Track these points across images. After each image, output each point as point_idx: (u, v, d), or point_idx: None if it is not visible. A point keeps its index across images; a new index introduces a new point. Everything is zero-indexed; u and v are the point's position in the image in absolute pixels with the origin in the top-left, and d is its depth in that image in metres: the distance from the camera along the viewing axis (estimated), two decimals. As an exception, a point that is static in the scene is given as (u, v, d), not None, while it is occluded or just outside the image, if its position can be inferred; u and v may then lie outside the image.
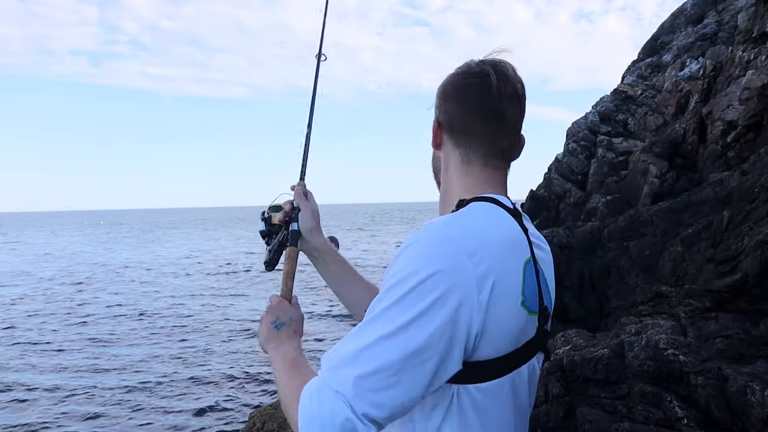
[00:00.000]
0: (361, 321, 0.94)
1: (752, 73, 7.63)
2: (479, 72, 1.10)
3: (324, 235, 1.44)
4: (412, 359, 0.88)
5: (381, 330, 0.89)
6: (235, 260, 31.85)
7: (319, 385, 0.91)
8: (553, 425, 3.72)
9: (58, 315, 16.56)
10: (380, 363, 0.88)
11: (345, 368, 0.90)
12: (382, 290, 0.94)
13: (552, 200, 11.56)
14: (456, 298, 0.89)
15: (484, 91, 1.08)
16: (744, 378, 3.23)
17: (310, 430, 0.90)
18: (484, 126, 1.09)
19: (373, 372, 0.88)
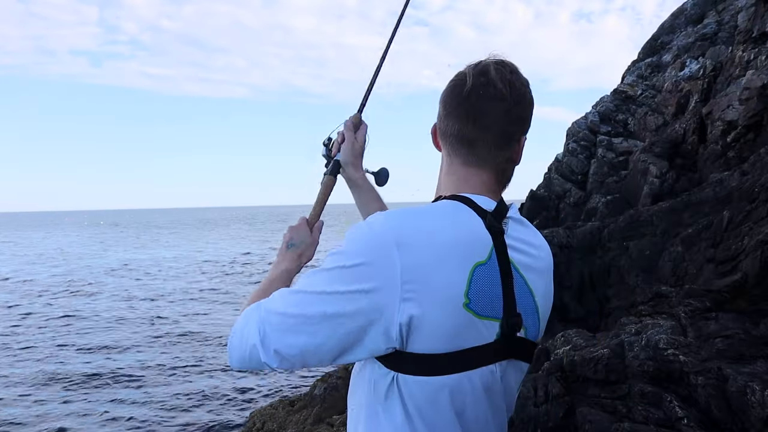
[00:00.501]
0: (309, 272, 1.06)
1: (752, 73, 7.63)
2: (459, 74, 1.13)
3: (362, 169, 1.51)
4: (327, 320, 0.98)
5: (313, 286, 1.01)
6: (233, 261, 31.85)
7: (252, 309, 1.08)
8: (553, 425, 3.71)
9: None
10: (302, 311, 1.00)
11: (275, 304, 1.05)
12: (328, 254, 1.04)
13: (552, 200, 11.56)
14: (375, 289, 0.96)
15: (458, 91, 1.11)
16: (744, 378, 3.23)
17: (230, 342, 1.10)
18: (461, 126, 1.10)
19: (293, 315, 1.01)
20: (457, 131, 1.11)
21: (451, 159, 1.14)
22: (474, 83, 1.09)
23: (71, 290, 21.58)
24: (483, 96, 1.08)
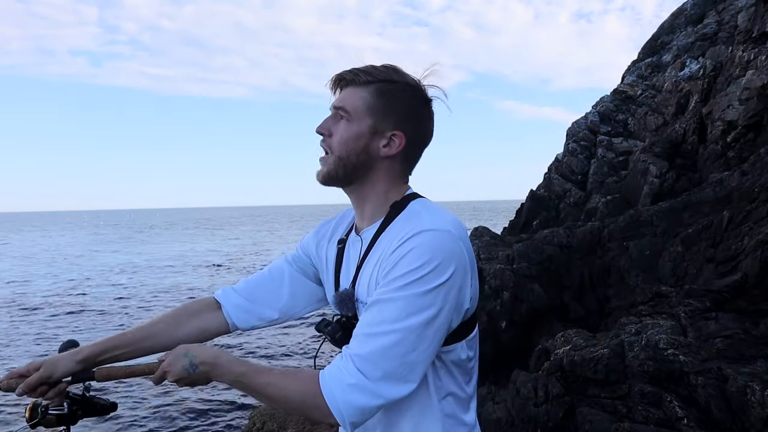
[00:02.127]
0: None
1: (752, 73, 7.63)
2: (411, 80, 1.29)
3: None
4: (434, 332, 1.09)
5: (420, 317, 1.07)
6: (230, 261, 31.88)
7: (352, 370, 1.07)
8: (553, 425, 3.72)
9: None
10: (417, 342, 1.08)
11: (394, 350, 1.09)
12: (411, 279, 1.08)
13: (552, 200, 11.56)
14: (453, 275, 1.10)
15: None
16: (744, 378, 3.23)
17: (333, 404, 1.05)
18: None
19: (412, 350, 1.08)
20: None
21: (399, 166, 1.28)
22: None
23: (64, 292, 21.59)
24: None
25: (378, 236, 1.23)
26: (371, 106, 1.23)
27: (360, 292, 1.22)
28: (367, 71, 1.24)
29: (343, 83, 1.26)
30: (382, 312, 1.07)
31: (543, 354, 4.74)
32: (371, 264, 1.20)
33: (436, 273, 1.07)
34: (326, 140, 1.25)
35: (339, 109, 1.24)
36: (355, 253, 1.28)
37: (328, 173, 1.25)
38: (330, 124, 1.26)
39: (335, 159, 1.24)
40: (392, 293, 1.07)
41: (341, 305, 1.24)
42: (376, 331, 1.06)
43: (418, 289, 1.06)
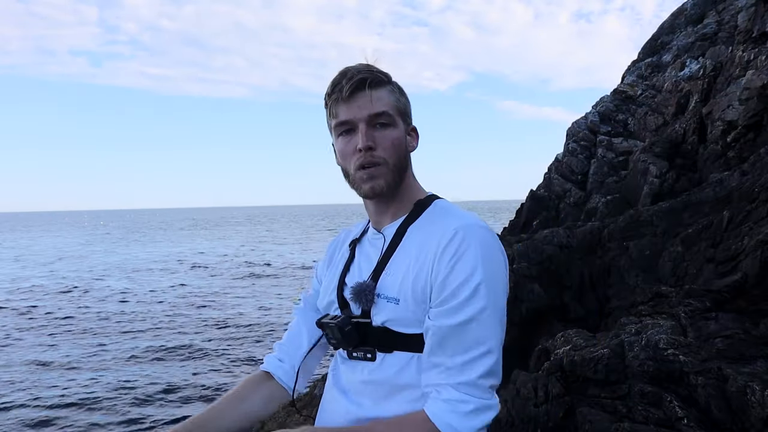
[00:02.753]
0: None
1: (752, 73, 7.63)
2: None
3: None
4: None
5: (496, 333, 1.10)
6: (228, 260, 31.84)
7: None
8: (553, 425, 3.72)
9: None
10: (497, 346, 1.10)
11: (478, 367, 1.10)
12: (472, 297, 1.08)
13: (552, 200, 11.56)
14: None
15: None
16: (744, 378, 3.23)
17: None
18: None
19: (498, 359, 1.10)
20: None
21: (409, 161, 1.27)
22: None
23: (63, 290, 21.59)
24: None
25: (404, 230, 1.20)
26: (401, 104, 1.22)
27: (386, 286, 1.16)
28: (378, 70, 1.20)
29: (363, 85, 1.17)
30: (470, 334, 1.06)
31: (543, 354, 4.74)
32: (405, 259, 1.16)
33: (498, 272, 1.09)
34: (374, 154, 1.17)
35: (381, 115, 1.17)
36: (375, 250, 1.25)
37: (388, 184, 1.19)
38: (373, 135, 1.17)
39: (392, 168, 1.18)
40: (469, 310, 1.06)
41: (358, 297, 1.19)
42: (474, 356, 1.06)
43: (491, 296, 1.07)
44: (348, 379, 1.23)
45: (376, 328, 1.16)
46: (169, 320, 15.56)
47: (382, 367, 1.16)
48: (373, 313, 1.17)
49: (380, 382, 1.15)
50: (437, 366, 1.07)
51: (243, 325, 14.62)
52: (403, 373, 1.13)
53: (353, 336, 1.18)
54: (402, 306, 1.13)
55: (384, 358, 1.16)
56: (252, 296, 19.44)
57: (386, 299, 1.15)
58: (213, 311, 16.69)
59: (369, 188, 1.19)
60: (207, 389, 9.62)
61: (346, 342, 1.19)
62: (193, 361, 11.35)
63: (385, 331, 1.15)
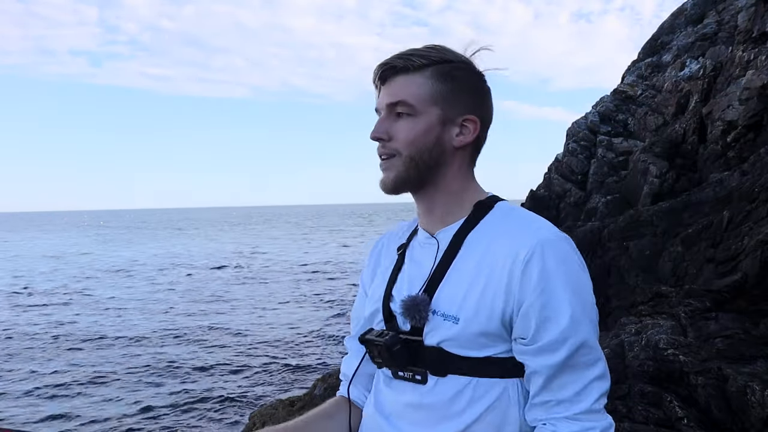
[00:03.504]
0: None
1: (752, 73, 7.63)
2: (464, 58, 1.14)
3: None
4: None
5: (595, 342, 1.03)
6: (225, 261, 31.84)
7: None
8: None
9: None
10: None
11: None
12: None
13: (552, 200, 11.56)
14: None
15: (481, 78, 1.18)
16: (744, 378, 3.23)
17: None
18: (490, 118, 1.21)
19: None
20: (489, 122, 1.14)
21: (469, 157, 1.13)
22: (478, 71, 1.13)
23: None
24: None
25: (463, 236, 1.07)
26: (435, 92, 1.06)
27: (444, 302, 1.04)
28: (420, 54, 1.07)
29: (391, 72, 1.07)
30: (578, 365, 0.98)
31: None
32: (466, 272, 1.03)
33: (587, 286, 1.01)
34: (386, 145, 1.08)
35: (397, 105, 1.06)
36: (427, 257, 1.10)
37: (398, 177, 1.08)
38: (387, 126, 1.07)
39: (406, 160, 1.06)
40: (571, 342, 0.97)
41: (409, 312, 1.05)
42: (586, 383, 0.99)
43: (588, 317, 0.99)
44: (391, 401, 1.11)
45: (429, 348, 1.03)
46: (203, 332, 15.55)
47: (434, 391, 1.04)
48: (426, 331, 1.04)
49: (431, 407, 1.04)
50: (546, 403, 0.99)
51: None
52: (458, 399, 1.02)
53: (403, 356, 1.05)
54: (462, 326, 1.00)
55: (437, 382, 1.03)
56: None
57: (443, 317, 1.03)
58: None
59: (380, 181, 1.10)
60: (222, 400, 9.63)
61: (395, 363, 1.07)
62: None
63: (440, 352, 1.02)
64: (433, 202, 1.11)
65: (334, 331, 13.59)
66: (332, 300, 18.11)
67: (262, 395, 9.23)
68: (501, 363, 1.02)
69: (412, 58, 1.06)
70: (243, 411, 8.42)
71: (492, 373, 1.01)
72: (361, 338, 1.12)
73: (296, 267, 27.80)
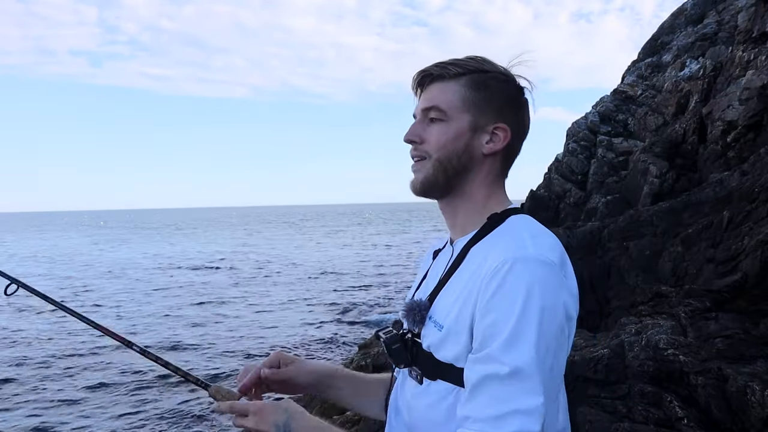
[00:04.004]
0: None
1: (752, 73, 7.63)
2: (500, 67, 1.16)
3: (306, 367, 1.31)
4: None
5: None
6: (223, 262, 31.84)
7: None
8: (553, 425, 3.71)
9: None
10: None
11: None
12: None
13: (552, 200, 11.57)
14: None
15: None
16: (744, 378, 3.23)
17: None
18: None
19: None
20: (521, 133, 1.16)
21: (499, 165, 1.14)
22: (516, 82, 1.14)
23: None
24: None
25: (468, 248, 1.08)
26: (468, 99, 1.10)
27: (438, 309, 1.06)
28: (456, 63, 1.12)
29: (428, 80, 1.13)
30: (503, 388, 0.93)
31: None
32: (459, 283, 1.05)
33: (549, 317, 0.94)
34: (418, 147, 1.12)
35: (431, 110, 1.10)
36: (443, 265, 1.14)
37: (426, 180, 1.11)
38: (420, 130, 1.12)
39: (435, 163, 1.10)
40: (507, 360, 0.93)
41: (408, 315, 1.10)
42: (505, 412, 0.92)
43: (537, 345, 0.94)
44: (399, 395, 1.16)
45: (425, 352, 1.07)
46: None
47: (425, 393, 1.07)
48: (422, 335, 1.08)
49: (419, 408, 1.07)
50: (467, 418, 0.96)
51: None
52: (438, 406, 1.04)
53: (401, 354, 1.10)
54: (443, 333, 1.03)
55: (429, 385, 1.06)
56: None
57: (434, 323, 1.06)
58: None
59: (409, 183, 1.14)
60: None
61: (394, 360, 1.12)
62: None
63: (430, 357, 1.06)
64: (456, 211, 1.14)
65: (334, 332, 13.60)
66: (333, 301, 18.11)
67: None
68: None
69: (448, 66, 1.11)
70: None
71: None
72: (375, 333, 1.17)
73: (294, 267, 27.80)
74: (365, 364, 6.41)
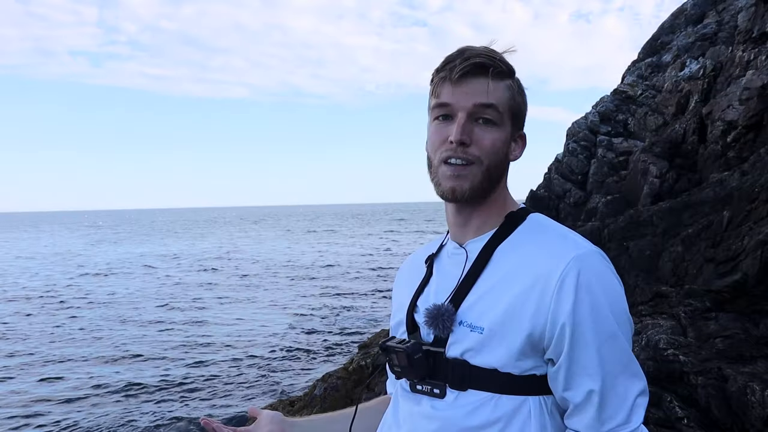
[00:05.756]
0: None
1: (752, 73, 7.63)
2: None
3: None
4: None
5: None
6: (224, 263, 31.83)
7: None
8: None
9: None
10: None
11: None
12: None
13: (552, 200, 11.56)
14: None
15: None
16: (744, 378, 3.23)
17: None
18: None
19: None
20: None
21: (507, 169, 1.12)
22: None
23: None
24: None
25: (493, 248, 1.03)
26: (515, 104, 1.04)
27: (470, 312, 1.00)
28: (503, 60, 1.02)
29: (480, 70, 1.00)
30: (618, 389, 0.97)
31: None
32: (495, 283, 1.00)
33: (622, 304, 1.00)
34: (467, 150, 1.01)
35: (488, 108, 1.00)
36: (455, 267, 1.07)
37: (474, 187, 1.02)
38: (470, 131, 1.01)
39: (484, 171, 1.02)
40: (608, 365, 0.95)
41: (433, 321, 1.02)
42: (631, 404, 0.97)
43: (625, 336, 0.99)
44: (405, 413, 1.07)
45: (450, 361, 1.00)
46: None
47: (453, 405, 1.00)
48: (449, 342, 1.01)
49: (448, 421, 0.99)
50: (590, 428, 0.95)
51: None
52: (477, 413, 0.97)
53: (422, 366, 1.02)
54: (487, 335, 0.97)
55: (457, 396, 0.99)
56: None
57: (469, 327, 0.99)
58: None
59: (449, 188, 1.02)
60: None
61: (414, 372, 1.03)
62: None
63: (462, 364, 0.99)
64: (472, 214, 1.08)
65: (334, 331, 13.60)
66: (331, 303, 18.10)
67: (263, 395, 9.23)
68: (525, 380, 0.97)
69: (500, 63, 1.01)
70: (243, 411, 8.42)
71: (514, 389, 0.97)
72: (381, 345, 1.08)
73: (293, 268, 27.80)
74: (365, 364, 6.41)
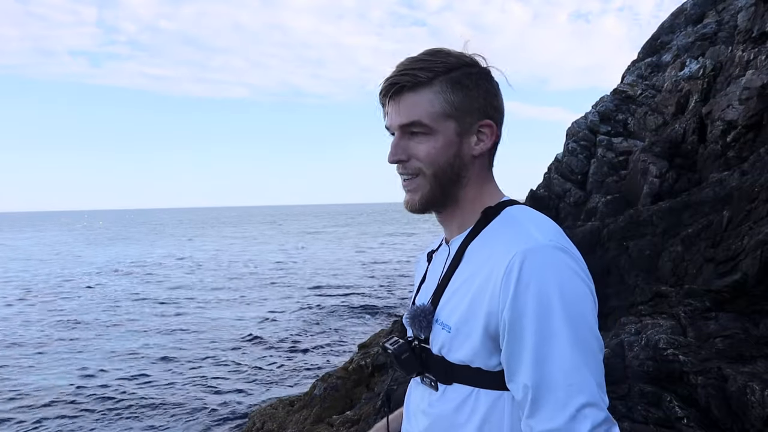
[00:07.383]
0: None
1: (752, 73, 7.63)
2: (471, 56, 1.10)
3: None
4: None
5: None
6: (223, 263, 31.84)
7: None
8: (553, 425, 3.71)
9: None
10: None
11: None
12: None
13: (552, 200, 11.56)
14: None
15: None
16: (744, 378, 3.23)
17: None
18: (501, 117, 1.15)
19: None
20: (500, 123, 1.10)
21: (487, 161, 1.10)
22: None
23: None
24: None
25: (466, 245, 1.05)
26: (448, 105, 1.02)
27: (443, 311, 1.03)
28: (424, 66, 1.01)
29: (399, 90, 1.02)
30: (559, 389, 0.93)
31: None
32: (462, 282, 1.02)
33: (578, 303, 0.96)
34: (407, 165, 1.05)
35: (411, 125, 1.02)
36: (440, 266, 1.10)
37: (424, 197, 1.06)
38: (404, 146, 1.04)
39: (430, 179, 1.04)
40: (552, 361, 0.93)
41: (413, 322, 1.06)
42: (572, 412, 0.92)
43: (576, 336, 0.97)
44: (415, 402, 1.12)
45: (436, 357, 1.04)
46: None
47: (442, 399, 1.04)
48: (431, 340, 1.05)
49: (439, 416, 1.04)
50: (525, 424, 0.94)
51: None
52: (462, 410, 1.00)
53: (412, 364, 1.06)
54: (453, 334, 1.00)
55: (445, 391, 1.03)
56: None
57: (441, 326, 1.02)
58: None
59: (405, 202, 1.08)
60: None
61: (405, 369, 1.08)
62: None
63: (442, 360, 1.02)
64: (453, 215, 1.10)
65: (333, 332, 13.59)
66: (332, 303, 18.11)
67: (262, 395, 9.23)
68: (494, 375, 0.99)
69: (417, 73, 1.01)
70: (243, 411, 8.42)
71: (489, 384, 0.99)
72: (381, 345, 1.13)
73: (289, 267, 27.80)
74: (365, 363, 6.42)
